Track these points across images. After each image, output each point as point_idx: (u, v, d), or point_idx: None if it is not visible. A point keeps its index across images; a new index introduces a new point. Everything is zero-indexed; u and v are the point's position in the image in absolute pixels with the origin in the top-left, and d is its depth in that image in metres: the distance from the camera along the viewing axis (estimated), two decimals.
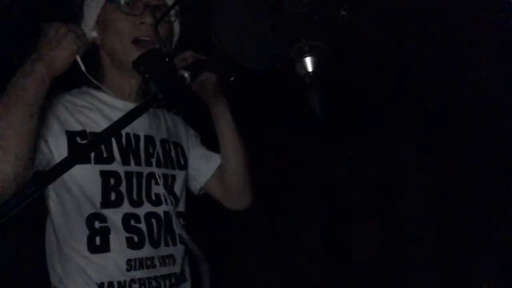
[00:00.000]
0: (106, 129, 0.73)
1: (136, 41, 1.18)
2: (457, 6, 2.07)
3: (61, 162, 0.67)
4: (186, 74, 0.87)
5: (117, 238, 1.16)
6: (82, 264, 1.13)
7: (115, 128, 0.74)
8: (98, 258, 1.14)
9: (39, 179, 0.67)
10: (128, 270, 1.15)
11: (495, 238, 2.72)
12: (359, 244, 3.28)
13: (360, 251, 3.26)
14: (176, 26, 1.32)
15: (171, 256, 1.25)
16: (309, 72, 0.85)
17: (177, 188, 1.33)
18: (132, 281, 1.16)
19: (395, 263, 3.17)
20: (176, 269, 1.26)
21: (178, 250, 1.28)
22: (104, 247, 1.14)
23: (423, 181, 3.22)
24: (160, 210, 1.24)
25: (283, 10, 0.85)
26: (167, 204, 1.26)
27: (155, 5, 1.19)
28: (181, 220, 1.32)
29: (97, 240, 1.14)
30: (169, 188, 1.30)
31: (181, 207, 1.34)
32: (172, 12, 1.25)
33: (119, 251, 1.15)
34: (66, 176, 1.10)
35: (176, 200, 1.31)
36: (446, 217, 3.07)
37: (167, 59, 0.88)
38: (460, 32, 2.25)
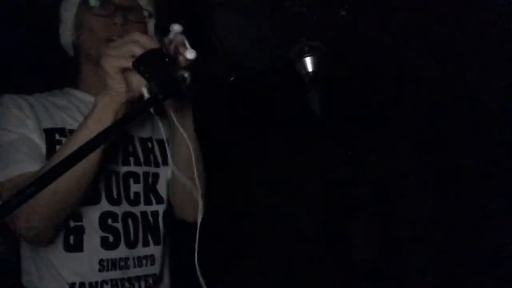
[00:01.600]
0: (106, 129, 0.73)
1: (109, 40, 1.18)
2: (457, 6, 2.07)
3: (61, 162, 0.67)
4: (186, 74, 0.87)
5: (91, 238, 1.15)
6: (56, 263, 1.14)
7: (116, 127, 0.74)
8: (72, 257, 1.14)
9: (39, 179, 0.67)
10: (100, 270, 1.15)
11: (495, 238, 2.72)
12: (359, 244, 3.28)
13: (360, 251, 3.26)
14: (150, 26, 1.30)
15: (150, 257, 1.24)
16: (309, 72, 0.85)
17: (161, 186, 1.30)
18: (104, 282, 1.15)
19: (395, 263, 3.17)
20: (156, 269, 1.25)
21: (159, 250, 1.26)
22: (78, 247, 1.14)
23: (423, 181, 3.22)
24: (137, 210, 1.23)
25: (283, 10, 0.86)
26: (146, 204, 1.25)
27: (127, 6, 1.21)
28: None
29: (71, 239, 1.14)
30: (150, 186, 1.27)
31: (167, 206, 1.31)
32: (146, 12, 1.26)
33: (92, 251, 1.15)
34: None
35: (160, 199, 1.28)
36: (446, 217, 3.07)
37: (167, 59, 0.88)
38: (460, 32, 2.25)
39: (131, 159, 1.25)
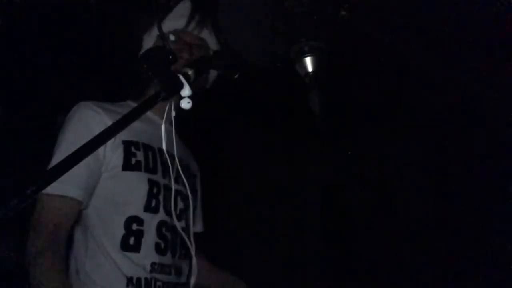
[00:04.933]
0: (111, 126, 0.74)
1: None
2: (457, 6, 2.08)
3: (63, 161, 0.67)
4: (190, 72, 0.87)
5: (148, 242, 1.28)
6: (116, 258, 1.24)
7: (122, 123, 0.74)
8: (128, 256, 1.25)
9: (40, 179, 0.67)
10: (151, 271, 1.27)
11: (495, 238, 2.72)
12: (359, 244, 3.27)
13: (359, 251, 3.26)
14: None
15: (180, 268, 1.37)
16: (309, 72, 0.85)
17: (191, 210, 1.45)
18: (157, 279, 1.28)
19: (395, 263, 3.17)
20: (183, 280, 1.38)
21: (186, 264, 1.40)
22: (136, 248, 1.26)
23: (423, 181, 3.22)
24: (179, 225, 1.35)
25: (283, 10, 0.86)
26: (186, 221, 1.39)
27: (195, 44, 1.38)
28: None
29: (131, 240, 1.26)
30: (188, 208, 1.42)
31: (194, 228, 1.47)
32: (211, 51, 1.41)
33: (147, 253, 1.27)
34: (117, 180, 1.28)
35: (188, 220, 1.42)
36: (446, 217, 3.07)
37: (170, 57, 0.88)
38: (460, 32, 2.25)
39: (180, 180, 1.39)
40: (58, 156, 1.26)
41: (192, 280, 1.35)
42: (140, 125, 1.35)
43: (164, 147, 1.25)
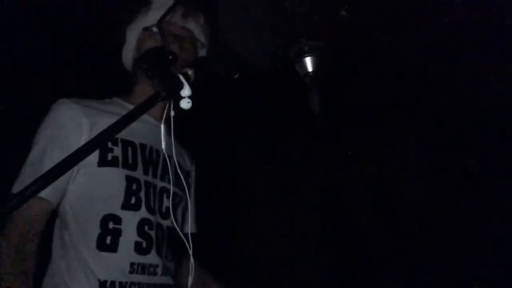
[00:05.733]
0: (110, 126, 0.74)
1: None
2: (457, 6, 2.08)
3: (64, 160, 0.67)
4: (190, 72, 0.87)
5: (126, 241, 1.22)
6: (89, 260, 1.19)
7: (121, 123, 0.74)
8: (104, 256, 1.20)
9: (39, 180, 0.67)
10: (130, 272, 1.21)
11: (495, 237, 2.72)
12: (358, 243, 3.27)
13: (359, 250, 3.26)
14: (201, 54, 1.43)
15: (169, 269, 1.32)
16: (309, 72, 0.85)
17: (180, 209, 1.42)
18: (133, 284, 1.21)
19: (395, 263, 3.17)
20: (172, 281, 1.34)
21: (172, 266, 1.35)
22: (113, 247, 1.20)
23: (423, 181, 3.22)
24: (165, 223, 1.31)
25: (283, 10, 0.86)
26: (174, 220, 1.32)
27: (183, 36, 1.35)
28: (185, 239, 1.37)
29: (108, 239, 1.20)
30: (176, 205, 1.38)
31: (186, 228, 1.42)
32: (199, 42, 1.40)
33: (125, 253, 1.21)
34: (93, 176, 1.23)
35: (177, 219, 1.37)
36: (446, 217, 3.07)
37: (170, 57, 0.88)
38: (460, 32, 2.25)
39: (166, 177, 1.35)
40: (32, 155, 1.24)
41: (190, 281, 1.26)
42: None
43: (147, 142, 1.23)
